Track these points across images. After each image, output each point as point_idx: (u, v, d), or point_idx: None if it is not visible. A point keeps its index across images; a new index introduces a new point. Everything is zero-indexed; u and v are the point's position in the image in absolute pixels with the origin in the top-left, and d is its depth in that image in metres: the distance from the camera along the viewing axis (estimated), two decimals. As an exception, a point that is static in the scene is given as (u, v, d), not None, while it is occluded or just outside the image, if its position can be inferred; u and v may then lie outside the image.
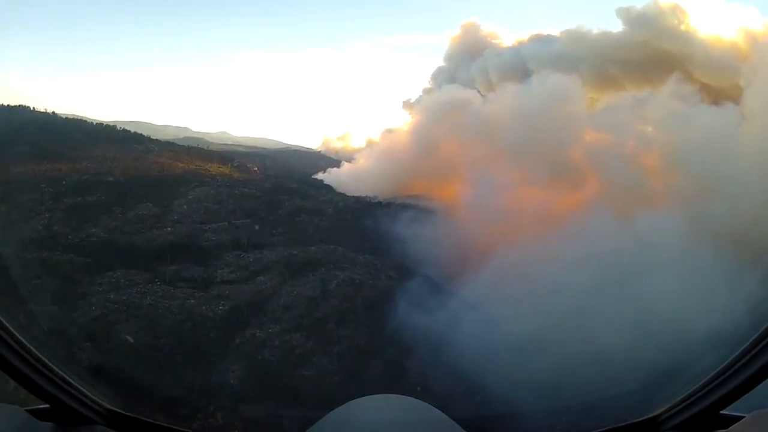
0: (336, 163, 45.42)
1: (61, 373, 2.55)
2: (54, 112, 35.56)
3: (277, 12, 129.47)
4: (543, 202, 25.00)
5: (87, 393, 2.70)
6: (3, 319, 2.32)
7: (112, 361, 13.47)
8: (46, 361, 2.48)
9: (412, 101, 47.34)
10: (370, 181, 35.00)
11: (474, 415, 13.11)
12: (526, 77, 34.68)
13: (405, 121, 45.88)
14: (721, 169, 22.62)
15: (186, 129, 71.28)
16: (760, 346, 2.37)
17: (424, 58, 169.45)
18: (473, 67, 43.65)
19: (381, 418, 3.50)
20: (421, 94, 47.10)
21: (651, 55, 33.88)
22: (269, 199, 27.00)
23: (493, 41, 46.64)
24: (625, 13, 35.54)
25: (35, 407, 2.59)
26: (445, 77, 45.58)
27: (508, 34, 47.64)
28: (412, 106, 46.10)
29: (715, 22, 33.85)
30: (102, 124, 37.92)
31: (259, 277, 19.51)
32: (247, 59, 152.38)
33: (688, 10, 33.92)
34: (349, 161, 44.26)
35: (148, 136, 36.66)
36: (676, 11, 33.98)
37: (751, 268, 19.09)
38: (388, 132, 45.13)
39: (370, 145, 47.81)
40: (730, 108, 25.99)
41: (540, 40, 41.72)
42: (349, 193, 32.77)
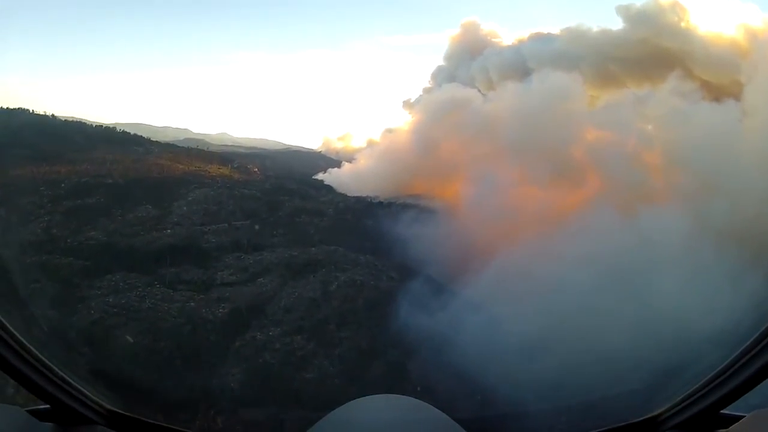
0: (336, 163, 45.33)
1: (61, 373, 2.55)
2: (53, 115, 35.52)
3: (276, 13, 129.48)
4: (544, 200, 24.96)
5: (87, 393, 2.70)
6: (3, 320, 2.31)
7: (112, 366, 13.36)
8: (46, 361, 2.48)
9: (412, 101, 47.25)
10: (370, 181, 34.90)
11: (474, 415, 13.10)
12: (526, 76, 34.58)
13: (405, 121, 45.81)
14: (723, 165, 22.58)
15: (186, 130, 71.35)
16: (760, 346, 2.35)
17: (424, 58, 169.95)
18: (473, 66, 43.53)
19: (381, 418, 3.50)
20: (422, 93, 47.00)
21: (651, 53, 33.79)
22: (269, 200, 26.87)
23: (493, 40, 46.57)
24: (625, 10, 35.52)
25: (35, 407, 2.59)
26: (446, 76, 45.45)
27: (507, 32, 47.59)
28: (412, 106, 46.03)
29: (714, 18, 33.84)
30: (102, 126, 37.89)
31: (260, 279, 19.42)
32: (247, 60, 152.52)
33: (687, 7, 33.90)
34: (349, 161, 44.19)
35: (148, 137, 36.56)
36: (676, 8, 33.94)
37: (754, 265, 19.00)
38: (388, 132, 45.14)
39: (371, 145, 47.79)
40: (730, 104, 25.96)
41: (540, 39, 41.62)
42: (350, 194, 32.63)
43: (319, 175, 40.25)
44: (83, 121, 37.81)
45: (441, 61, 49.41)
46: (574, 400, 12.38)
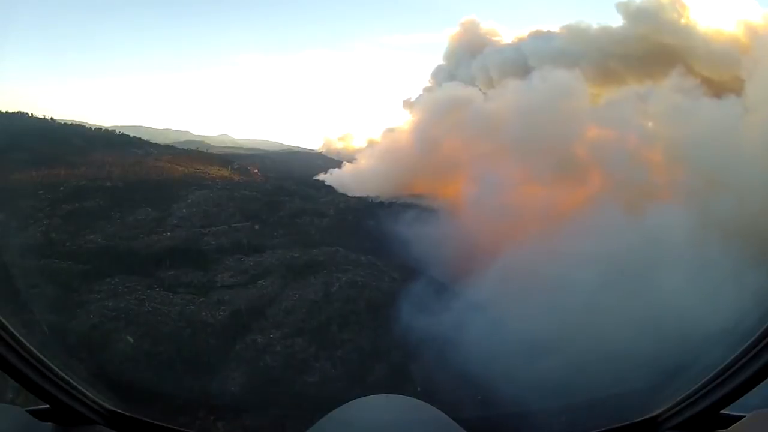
0: (337, 163, 45.13)
1: (61, 373, 2.58)
2: (52, 118, 35.54)
3: (275, 14, 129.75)
4: (547, 198, 24.79)
5: (87, 393, 2.74)
6: (3, 320, 2.34)
7: (111, 371, 13.19)
8: (46, 361, 2.51)
9: (412, 100, 47.00)
10: (371, 181, 34.66)
11: (474, 415, 13.02)
12: (526, 74, 34.40)
13: (406, 121, 45.52)
14: (726, 161, 22.50)
15: (186, 132, 71.67)
16: (760, 346, 2.38)
17: (424, 57, 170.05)
18: (473, 64, 43.36)
19: (381, 418, 3.54)
20: (422, 92, 46.78)
21: (651, 50, 33.66)
22: (270, 201, 26.74)
23: (492, 38, 46.32)
24: (625, 7, 35.33)
25: (35, 407, 2.62)
26: (446, 75, 45.28)
27: (507, 31, 47.38)
28: (412, 105, 45.72)
29: (714, 15, 33.78)
30: (101, 129, 37.80)
31: (260, 281, 19.25)
32: (246, 62, 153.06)
33: (687, 4, 33.79)
34: (350, 162, 43.96)
35: (148, 140, 36.54)
36: (676, 5, 33.81)
37: (759, 261, 18.85)
38: (389, 131, 44.70)
39: (371, 145, 47.41)
40: (732, 100, 25.85)
41: (540, 37, 41.43)
42: (351, 194, 32.50)
43: (320, 176, 40.09)
44: (83, 124, 37.92)
45: (441, 61, 49.34)
46: (574, 400, 12.38)
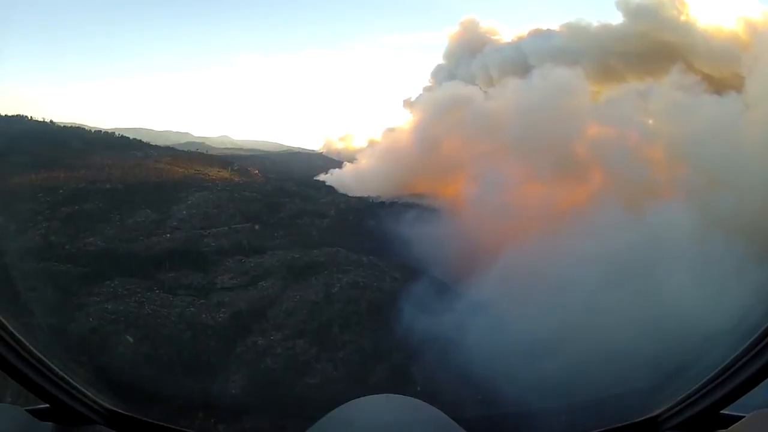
0: (338, 164, 45.07)
1: (61, 373, 2.57)
2: (51, 121, 35.50)
3: (275, 14, 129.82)
4: (548, 197, 24.68)
5: (87, 393, 2.73)
6: (3, 320, 2.32)
7: (110, 375, 13.08)
8: (46, 361, 2.50)
9: (412, 100, 46.94)
10: (372, 181, 34.60)
11: (474, 415, 12.97)
12: (527, 73, 34.29)
13: (406, 120, 45.49)
14: (727, 158, 22.43)
15: (187, 134, 71.58)
16: (760, 346, 2.37)
17: (424, 57, 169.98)
18: (473, 63, 43.30)
19: (381, 418, 3.54)
20: (422, 92, 46.71)
21: (651, 47, 33.64)
22: (270, 202, 26.64)
23: (492, 37, 46.29)
24: (625, 4, 35.29)
25: (35, 407, 2.61)
26: (446, 75, 45.24)
27: (507, 29, 47.33)
28: (412, 105, 45.69)
29: (714, 12, 33.74)
30: (101, 132, 37.70)
31: (261, 283, 19.17)
32: (246, 63, 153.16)
33: (687, 1, 33.76)
34: (351, 162, 43.91)
35: (148, 142, 36.37)
36: (676, 2, 33.80)
37: (762, 259, 18.76)
38: (389, 131, 44.69)
39: (372, 145, 47.39)
40: (733, 97, 25.78)
41: (540, 35, 41.40)
42: (352, 194, 32.38)
43: (321, 176, 40.02)
44: (82, 126, 37.80)
45: (441, 60, 49.27)
46: (575, 400, 12.47)
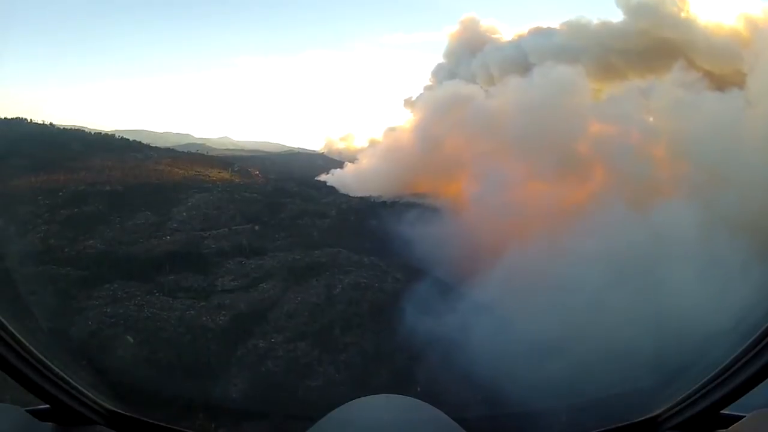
0: (339, 164, 45.12)
1: (61, 373, 2.59)
2: (51, 123, 35.48)
3: (274, 15, 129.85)
4: (550, 196, 24.55)
5: (87, 393, 2.75)
6: (3, 320, 2.33)
7: (109, 379, 12.95)
8: (46, 361, 2.52)
9: (413, 99, 46.94)
10: (373, 181, 34.54)
11: (474, 415, 12.86)
12: (527, 71, 34.20)
13: (407, 120, 45.52)
14: (730, 156, 22.33)
15: (187, 135, 71.76)
16: (760, 346, 2.37)
17: (424, 56, 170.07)
18: (474, 62, 43.33)
19: (381, 418, 3.54)
20: (423, 91, 46.67)
21: (652, 44, 33.66)
22: (270, 203, 26.53)
23: (492, 36, 46.41)
24: (625, 2, 35.26)
25: (35, 407, 2.63)
26: (446, 74, 45.29)
27: (507, 28, 47.40)
28: (413, 104, 45.73)
29: (715, 8, 33.75)
30: (100, 134, 37.64)
31: (261, 284, 19.01)
32: (246, 63, 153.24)
33: (687, -2, 33.62)
34: (352, 162, 43.87)
35: (148, 143, 36.32)
36: (676, -1, 33.68)
37: (765, 257, 18.63)
38: (390, 131, 44.67)
39: (373, 144, 47.43)
40: (735, 94, 25.69)
41: (540, 33, 41.45)
42: (353, 194, 32.32)
43: (322, 176, 40.07)
44: (82, 128, 37.73)
45: (441, 59, 49.31)
46: (575, 400, 12.27)
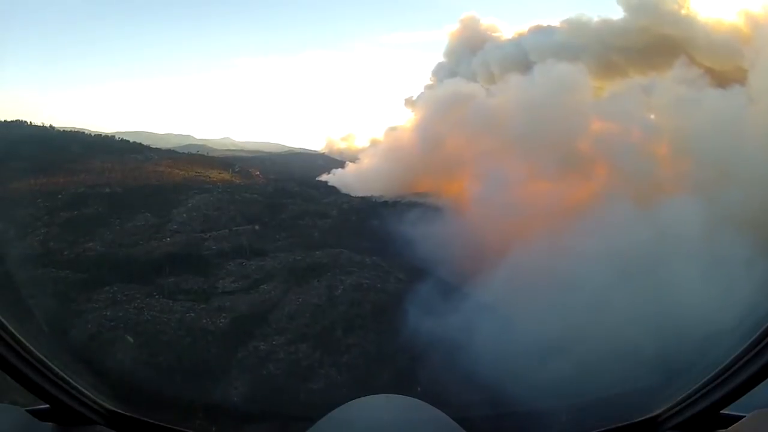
0: (340, 164, 45.05)
1: (61, 373, 2.57)
2: (51, 126, 35.33)
3: (274, 16, 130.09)
4: (553, 194, 24.40)
5: (87, 393, 2.72)
6: (3, 320, 2.31)
7: (108, 382, 12.81)
8: (46, 361, 2.49)
9: (414, 98, 46.88)
10: (375, 181, 34.41)
11: (474, 415, 12.71)
12: (528, 69, 34.09)
13: (408, 119, 45.47)
14: (733, 152, 22.23)
15: (188, 137, 71.85)
16: (760, 346, 2.36)
17: (425, 55, 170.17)
18: (474, 61, 43.19)
19: (381, 418, 3.54)
20: (423, 90, 46.61)
21: (653, 41, 33.48)
22: (271, 204, 26.42)
23: (492, 34, 46.28)
24: (626, -1, 35.09)
25: (35, 407, 2.62)
26: (446, 73, 45.15)
27: (507, 26, 47.31)
28: (414, 103, 45.67)
29: (715, 5, 33.64)
30: (100, 135, 37.58)
31: (262, 286, 18.93)
32: (246, 64, 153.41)
33: (687, -5, 33.48)
34: (353, 162, 43.80)
35: (148, 145, 36.20)
36: (676, -4, 33.55)
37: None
38: (391, 130, 44.60)
39: (374, 144, 47.35)
40: (736, 90, 25.55)
41: (540, 31, 41.30)
42: (354, 194, 32.19)
43: (323, 177, 39.95)
44: (82, 131, 37.68)
45: (441, 58, 49.24)
46: (576, 400, 12.32)
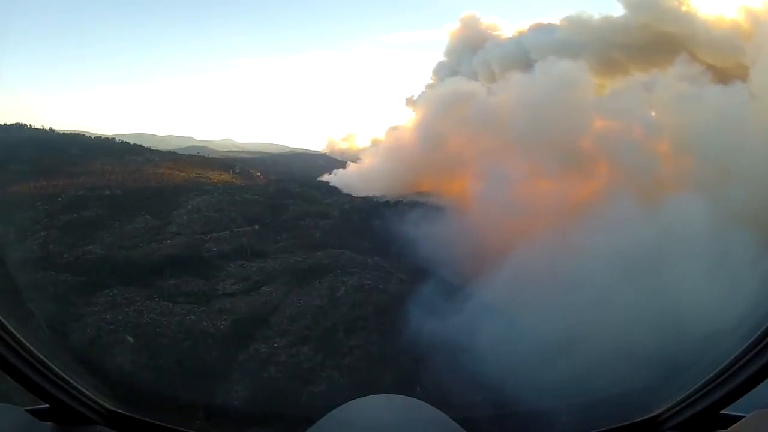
0: (341, 164, 44.97)
1: (61, 373, 2.55)
2: (51, 128, 35.23)
3: (274, 16, 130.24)
4: (555, 193, 24.30)
5: (87, 393, 2.70)
6: (3, 320, 2.29)
7: (107, 385, 12.69)
8: (46, 361, 2.48)
9: (415, 98, 46.80)
10: (376, 181, 34.32)
11: (474, 415, 12.61)
12: (528, 67, 33.98)
13: (409, 118, 45.37)
14: (735, 149, 22.16)
15: (189, 138, 71.81)
16: (760, 346, 2.36)
17: (425, 54, 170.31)
18: (475, 59, 43.11)
19: (381, 418, 3.53)
20: (424, 89, 46.54)
21: (654, 38, 33.43)
22: (272, 204, 26.33)
23: (493, 33, 46.26)
24: (626, -4, 34.98)
25: (35, 407, 2.60)
26: (447, 72, 45.11)
27: (507, 25, 47.20)
28: (415, 103, 45.58)
29: (715, 1, 33.58)
30: (101, 138, 37.51)
31: (263, 288, 18.83)
32: (247, 65, 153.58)
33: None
34: (354, 162, 43.73)
35: (149, 147, 36.12)
36: (676, -8, 33.43)
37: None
38: (392, 130, 44.50)
39: (375, 144, 47.25)
40: (738, 87, 25.39)
41: (541, 29, 41.24)
42: (356, 194, 32.06)
43: (324, 177, 39.85)
44: (82, 133, 37.63)
45: (442, 57, 49.20)
46: (576, 400, 12.32)
